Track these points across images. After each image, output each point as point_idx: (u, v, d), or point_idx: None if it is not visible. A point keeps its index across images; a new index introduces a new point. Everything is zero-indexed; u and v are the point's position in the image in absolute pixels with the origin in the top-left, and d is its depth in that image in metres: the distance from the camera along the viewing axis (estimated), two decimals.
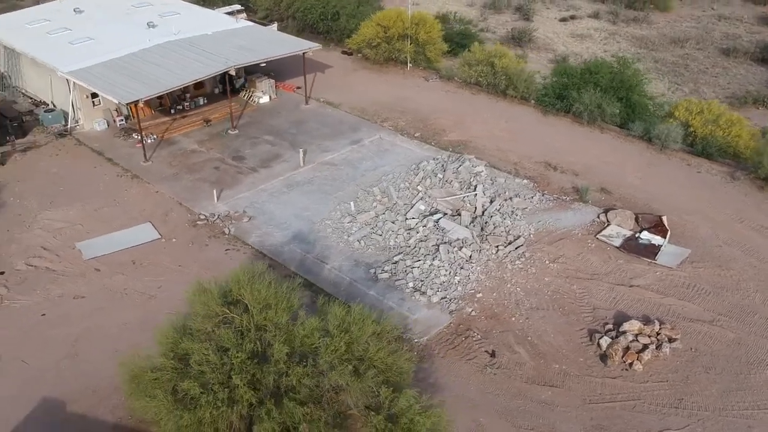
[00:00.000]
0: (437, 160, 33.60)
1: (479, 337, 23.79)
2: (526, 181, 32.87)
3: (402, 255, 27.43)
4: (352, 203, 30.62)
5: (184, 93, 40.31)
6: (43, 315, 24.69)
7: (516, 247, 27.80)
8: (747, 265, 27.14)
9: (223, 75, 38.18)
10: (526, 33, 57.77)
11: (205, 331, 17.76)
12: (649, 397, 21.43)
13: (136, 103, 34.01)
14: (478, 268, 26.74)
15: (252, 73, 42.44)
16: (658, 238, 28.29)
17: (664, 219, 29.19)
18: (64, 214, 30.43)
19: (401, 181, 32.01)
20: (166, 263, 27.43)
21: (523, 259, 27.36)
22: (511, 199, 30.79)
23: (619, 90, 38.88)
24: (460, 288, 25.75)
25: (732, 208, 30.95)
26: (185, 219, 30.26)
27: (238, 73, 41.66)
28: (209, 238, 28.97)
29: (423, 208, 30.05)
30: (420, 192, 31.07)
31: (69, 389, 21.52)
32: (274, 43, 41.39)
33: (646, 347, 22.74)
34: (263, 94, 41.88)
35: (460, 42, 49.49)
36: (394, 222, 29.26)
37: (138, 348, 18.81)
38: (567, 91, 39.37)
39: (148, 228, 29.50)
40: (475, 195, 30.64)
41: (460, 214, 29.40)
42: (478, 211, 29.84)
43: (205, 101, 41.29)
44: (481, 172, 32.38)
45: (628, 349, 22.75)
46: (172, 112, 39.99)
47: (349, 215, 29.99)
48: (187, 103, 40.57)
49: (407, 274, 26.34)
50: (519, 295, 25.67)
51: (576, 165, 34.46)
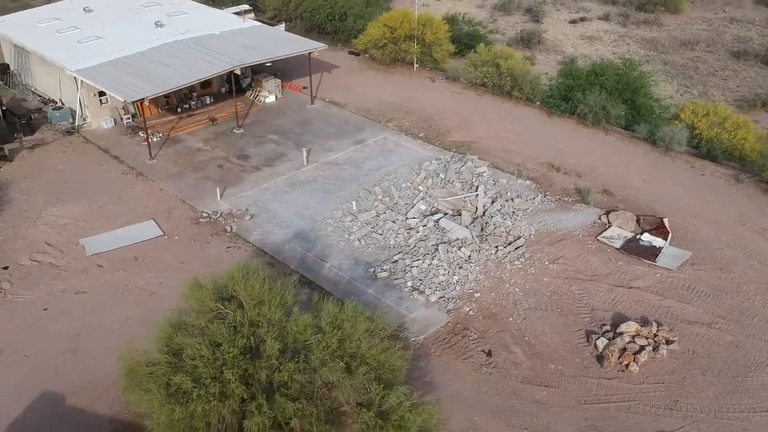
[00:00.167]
0: (440, 160, 33.67)
1: (476, 336, 23.84)
2: (528, 182, 32.86)
3: (401, 254, 27.53)
4: (353, 202, 30.75)
5: (190, 92, 40.67)
6: (46, 310, 25.01)
7: (516, 248, 27.81)
8: (748, 267, 27.00)
9: (230, 74, 38.43)
10: (535, 35, 57.70)
11: (199, 326, 17.92)
12: (645, 398, 21.39)
13: (141, 101, 34.33)
14: (477, 268, 26.78)
15: (259, 73, 42.70)
16: (659, 240, 28.21)
17: (666, 221, 29.10)
18: (69, 211, 30.78)
19: (403, 181, 32.11)
20: (167, 260, 27.68)
21: (522, 259, 27.36)
22: (512, 199, 30.80)
23: (625, 92, 38.77)
24: (458, 287, 25.81)
25: (735, 210, 30.80)
26: (188, 216, 30.52)
27: (244, 73, 41.95)
28: (211, 236, 29.20)
29: (424, 207, 30.14)
30: (421, 192, 31.16)
31: (69, 383, 21.82)
32: (280, 43, 41.64)
33: (642, 349, 22.70)
34: (269, 94, 42.12)
35: (469, 43, 49.47)
36: (394, 221, 29.37)
37: (136, 343, 19.01)
38: (572, 93, 39.31)
39: (151, 225, 29.78)
40: (476, 195, 30.69)
41: (461, 214, 29.45)
42: (479, 212, 29.89)
43: (211, 100, 41.62)
44: (483, 172, 32.44)
45: (624, 350, 22.73)
46: (179, 110, 40.35)
47: (350, 214, 30.13)
48: (194, 102, 40.92)
49: (406, 274, 26.44)
50: (517, 295, 25.69)
51: (579, 166, 34.41)
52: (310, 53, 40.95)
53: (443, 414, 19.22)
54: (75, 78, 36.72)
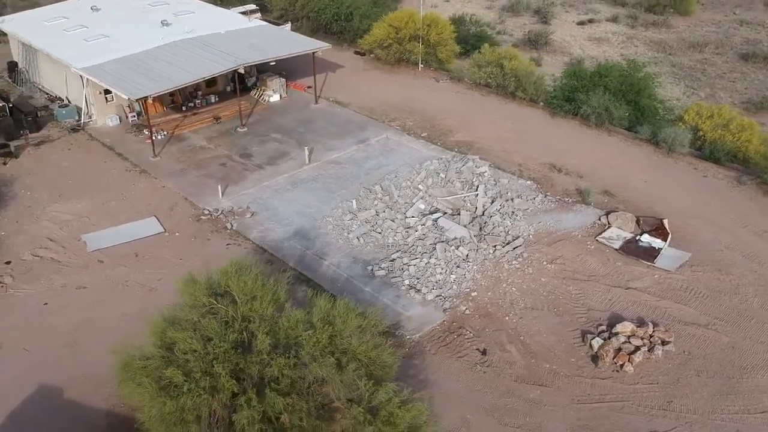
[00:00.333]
0: (441, 159, 33.75)
1: (472, 335, 23.88)
2: (529, 182, 32.85)
3: (400, 253, 27.61)
4: (354, 201, 30.87)
5: (195, 90, 40.96)
6: (46, 304, 25.27)
7: (514, 248, 27.82)
8: (747, 269, 26.89)
9: (234, 73, 38.66)
10: (542, 36, 57.67)
11: (191, 320, 18.08)
12: (638, 398, 21.36)
13: (145, 99, 34.61)
14: (475, 267, 26.82)
15: (264, 72, 42.93)
16: (659, 241, 28.14)
17: (666, 222, 29.02)
18: (72, 207, 31.08)
19: (403, 180, 32.20)
20: (167, 257, 27.90)
21: (520, 259, 27.38)
22: (512, 199, 30.81)
23: (628, 93, 38.67)
24: (455, 286, 25.86)
25: (736, 212, 30.67)
26: (190, 214, 30.75)
27: (249, 72, 42.24)
28: (212, 233, 29.40)
29: (423, 206, 30.21)
30: (421, 191, 31.24)
31: (66, 376, 22.01)
32: (285, 43, 41.84)
33: (638, 349, 22.65)
34: (274, 93, 42.33)
35: (475, 44, 49.47)
36: (393, 220, 29.46)
37: (133, 338, 19.19)
38: (575, 94, 39.25)
39: (152, 222, 30.03)
40: (476, 195, 30.73)
41: (460, 214, 29.50)
42: (478, 211, 29.92)
43: (216, 99, 41.86)
44: (484, 172, 32.48)
45: (619, 350, 22.69)
46: (184, 109, 40.62)
47: (350, 213, 30.25)
48: (199, 101, 41.16)
49: (403, 272, 26.52)
50: (514, 294, 25.71)
51: (581, 167, 34.37)
52: (314, 53, 41.11)
53: (436, 411, 19.35)
54: (81, 76, 37.07)
